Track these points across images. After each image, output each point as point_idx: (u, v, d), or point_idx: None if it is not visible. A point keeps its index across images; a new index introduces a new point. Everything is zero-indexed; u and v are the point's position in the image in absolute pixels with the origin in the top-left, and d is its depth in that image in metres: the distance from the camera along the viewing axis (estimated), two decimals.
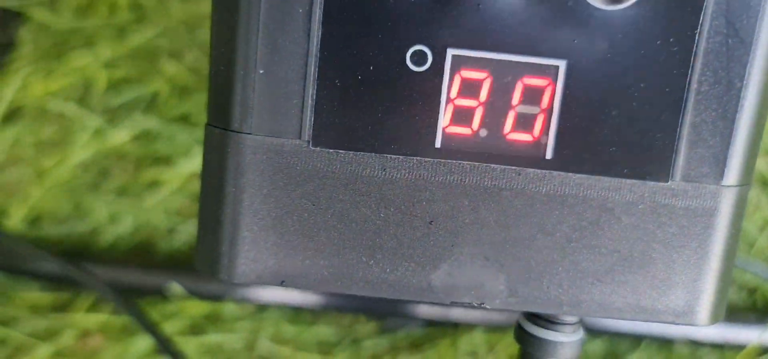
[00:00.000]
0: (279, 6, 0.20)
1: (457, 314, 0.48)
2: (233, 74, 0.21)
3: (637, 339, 0.50)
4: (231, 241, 0.22)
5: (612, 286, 0.22)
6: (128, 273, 0.48)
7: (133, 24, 0.54)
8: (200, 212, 0.23)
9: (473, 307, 0.23)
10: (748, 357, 0.48)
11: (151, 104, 0.52)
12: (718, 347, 0.50)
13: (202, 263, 0.23)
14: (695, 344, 0.49)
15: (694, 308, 0.23)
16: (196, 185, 0.50)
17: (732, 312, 0.51)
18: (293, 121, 0.21)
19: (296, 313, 0.49)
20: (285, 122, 0.21)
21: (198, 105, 0.52)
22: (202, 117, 0.52)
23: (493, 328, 0.48)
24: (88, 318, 0.48)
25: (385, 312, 0.48)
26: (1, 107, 0.51)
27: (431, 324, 0.49)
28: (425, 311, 0.48)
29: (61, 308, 0.49)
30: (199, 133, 0.51)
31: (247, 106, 0.21)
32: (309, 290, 0.22)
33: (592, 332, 0.49)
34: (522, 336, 0.24)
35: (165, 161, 0.51)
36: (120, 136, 0.50)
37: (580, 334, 0.24)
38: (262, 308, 0.49)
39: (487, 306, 0.22)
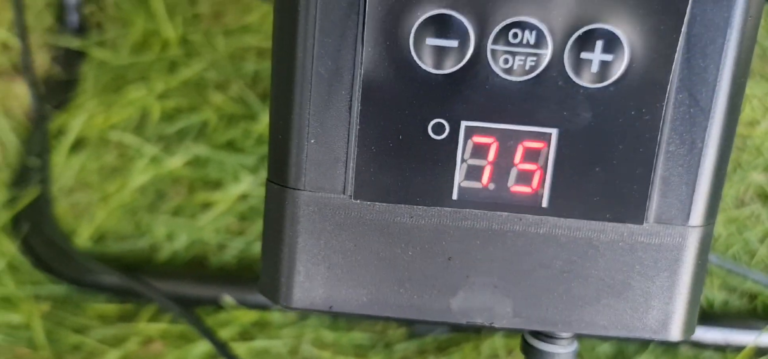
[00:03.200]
0: (326, 89, 0.25)
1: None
2: (289, 143, 0.26)
3: (644, 342, 0.54)
4: (288, 275, 0.27)
5: (598, 308, 0.27)
6: (184, 286, 0.53)
7: (183, 58, 0.59)
8: (263, 250, 0.28)
9: (485, 327, 0.28)
10: (745, 358, 0.52)
11: (200, 132, 0.57)
12: (721, 349, 0.54)
13: (265, 290, 0.28)
14: (699, 346, 0.54)
15: (668, 325, 0.27)
16: (243, 206, 0.55)
17: (735, 317, 0.55)
18: (338, 180, 0.26)
19: (334, 321, 0.54)
20: (331, 181, 0.26)
21: (243, 132, 0.57)
22: (247, 143, 0.57)
23: (512, 333, 0.53)
24: (150, 327, 0.54)
25: (414, 320, 0.53)
26: (68, 139, 0.56)
27: (456, 329, 0.54)
28: None
29: (126, 318, 0.54)
30: (245, 158, 0.56)
31: (301, 168, 0.26)
32: (352, 312, 0.27)
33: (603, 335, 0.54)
34: (526, 349, 0.29)
35: (215, 184, 0.56)
36: (174, 162, 0.56)
37: (574, 346, 0.29)
38: (304, 316, 0.54)
39: (496, 325, 0.27)
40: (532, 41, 0.25)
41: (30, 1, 0.59)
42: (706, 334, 0.53)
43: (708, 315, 0.54)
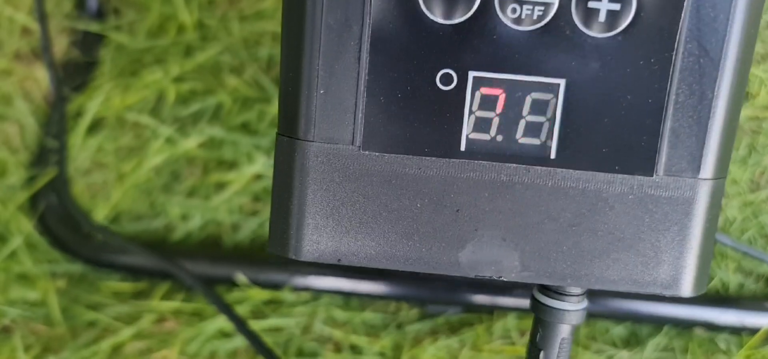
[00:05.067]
0: (336, 40, 0.25)
1: (492, 300, 0.52)
2: (299, 94, 0.26)
3: (658, 325, 0.53)
4: (297, 227, 0.27)
5: (608, 262, 0.27)
6: (198, 264, 0.54)
7: (199, 42, 0.60)
8: (273, 204, 0.28)
9: (493, 280, 0.28)
10: (759, 340, 0.52)
11: (215, 114, 0.58)
12: (736, 331, 0.53)
13: (275, 244, 0.28)
14: (714, 328, 0.53)
15: (679, 281, 0.27)
16: (257, 186, 0.56)
17: (750, 300, 0.55)
18: (347, 130, 0.26)
19: (347, 300, 0.54)
20: (340, 132, 0.26)
21: (257, 114, 0.57)
22: (261, 125, 0.57)
23: (525, 314, 0.53)
24: (164, 305, 0.54)
25: (427, 299, 0.53)
26: (86, 120, 0.57)
27: (469, 309, 0.54)
28: (463, 298, 0.53)
29: (140, 296, 0.55)
30: (258, 140, 0.57)
31: (311, 119, 0.26)
32: (360, 265, 0.27)
33: (617, 317, 0.53)
34: (536, 306, 0.29)
35: (229, 165, 0.56)
36: (189, 143, 0.56)
37: (584, 303, 0.29)
38: (317, 295, 0.54)
39: (504, 278, 0.27)
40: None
41: None
42: (721, 316, 0.52)
43: (723, 298, 0.54)
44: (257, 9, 0.60)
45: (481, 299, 0.52)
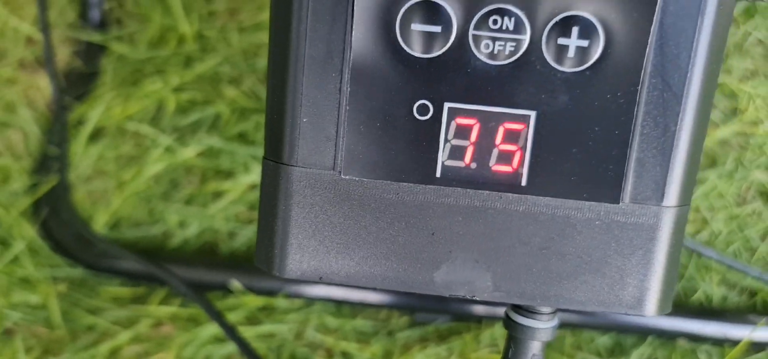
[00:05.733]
0: (319, 71, 0.27)
1: (480, 310, 0.54)
2: (284, 121, 0.28)
3: (642, 336, 0.55)
4: (281, 246, 0.29)
5: (576, 284, 0.28)
6: (195, 271, 0.55)
7: (198, 54, 0.61)
8: (259, 222, 0.30)
9: (467, 300, 0.29)
10: (740, 351, 0.53)
11: (214, 124, 0.59)
12: (719, 343, 0.54)
13: (260, 261, 0.30)
14: (697, 340, 0.54)
15: (643, 302, 0.28)
16: (253, 195, 0.57)
17: (733, 312, 0.56)
18: (329, 157, 0.28)
19: (338, 308, 0.56)
20: (322, 158, 0.28)
21: (254, 125, 0.59)
22: (258, 136, 0.58)
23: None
24: (161, 310, 0.56)
25: (416, 308, 0.55)
26: (87, 128, 0.59)
27: (457, 319, 0.55)
28: (451, 307, 0.54)
29: (138, 301, 0.56)
30: (255, 150, 0.58)
31: (295, 146, 0.28)
32: (340, 284, 0.29)
33: (602, 328, 0.55)
34: (509, 323, 0.31)
35: (226, 174, 0.58)
36: (187, 152, 0.58)
37: (555, 321, 0.30)
38: (309, 303, 0.55)
39: (477, 298, 0.28)
40: (511, 27, 0.26)
41: None
42: (705, 328, 0.54)
43: (707, 310, 0.55)
44: (256, 21, 0.61)
45: (469, 309, 0.53)
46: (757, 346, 0.54)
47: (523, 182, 0.28)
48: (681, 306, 0.55)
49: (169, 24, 0.61)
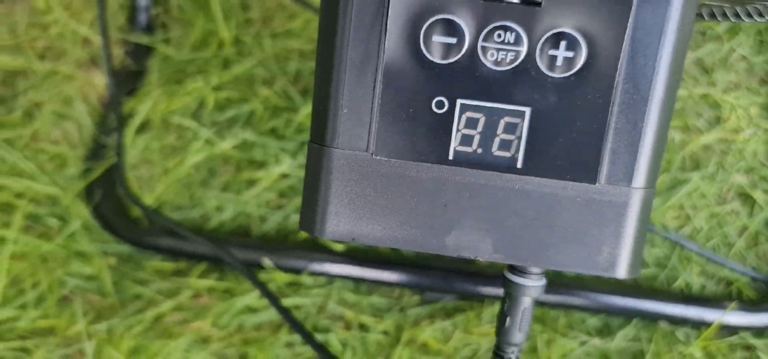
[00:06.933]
0: (357, 71, 0.34)
1: (483, 291, 0.60)
2: (328, 112, 0.35)
3: (628, 317, 0.61)
4: (322, 213, 0.35)
5: (561, 249, 0.35)
6: (231, 250, 0.62)
7: (236, 56, 0.68)
8: (304, 194, 0.36)
9: (471, 260, 0.36)
10: (713, 332, 0.59)
11: (248, 120, 0.66)
12: (697, 326, 0.61)
13: (304, 225, 0.36)
14: (677, 322, 0.61)
15: (616, 266, 0.35)
16: (283, 184, 0.64)
17: (710, 299, 0.62)
18: (363, 141, 0.34)
19: (356, 286, 0.62)
20: (358, 141, 0.34)
21: (285, 122, 0.65)
22: (288, 131, 0.65)
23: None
24: (199, 283, 0.62)
25: (426, 287, 0.61)
26: (136, 121, 0.66)
27: (462, 298, 0.62)
28: (457, 287, 0.61)
29: (178, 274, 0.63)
30: (285, 144, 0.65)
31: (336, 131, 0.34)
32: (369, 244, 0.35)
33: (592, 310, 0.61)
34: (505, 282, 0.37)
35: (259, 165, 0.65)
36: (225, 145, 0.65)
37: (543, 281, 0.37)
38: (331, 280, 0.62)
39: (480, 259, 0.35)
40: (512, 41, 0.33)
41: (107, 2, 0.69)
42: (684, 312, 0.60)
43: (687, 296, 0.61)
44: (287, 28, 0.68)
45: (473, 289, 0.60)
46: (729, 329, 0.60)
47: (519, 165, 0.34)
48: (664, 292, 0.62)
49: (210, 29, 0.68)
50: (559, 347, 0.60)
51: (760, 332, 0.61)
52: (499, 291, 0.59)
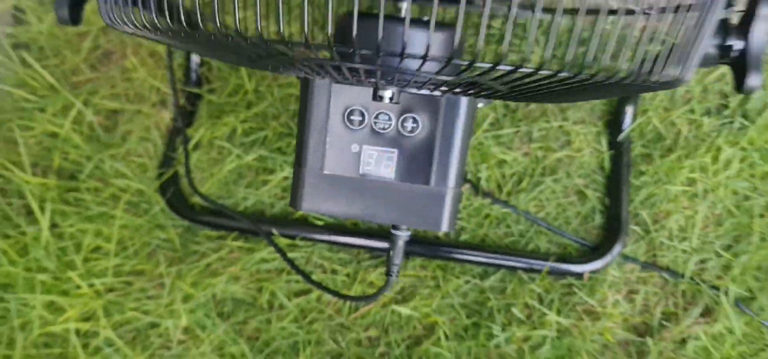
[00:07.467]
0: (316, 130, 0.71)
1: (409, 249, 0.98)
2: (302, 150, 0.72)
3: (498, 268, 0.98)
4: (300, 197, 0.72)
5: (414, 217, 0.71)
6: (253, 223, 1.00)
7: (255, 100, 1.06)
8: (292, 188, 0.74)
9: (379, 225, 0.74)
10: (545, 275, 0.96)
11: (263, 142, 1.04)
12: (546, 275, 0.98)
13: (292, 203, 0.73)
14: (528, 271, 0.98)
15: (440, 226, 0.72)
16: (286, 183, 1.01)
17: (551, 256, 0.99)
18: (319, 164, 0.71)
19: (330, 247, 1.00)
20: (317, 164, 0.71)
21: (287, 143, 1.03)
22: (289, 149, 1.03)
23: (427, 259, 0.98)
24: (232, 243, 1.00)
25: (372, 248, 0.99)
26: (192, 143, 1.03)
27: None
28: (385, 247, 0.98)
29: (219, 238, 1.01)
30: (287, 158, 1.02)
31: (306, 160, 0.71)
32: (325, 214, 0.71)
33: (476, 263, 0.98)
34: (390, 235, 0.75)
35: (270, 171, 1.02)
36: (248, 158, 1.02)
37: (409, 233, 0.74)
38: (314, 243, 0.99)
39: (374, 221, 0.72)
40: (387, 118, 0.70)
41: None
42: (534, 264, 0.97)
43: (536, 255, 0.98)
44: (289, 81, 1.06)
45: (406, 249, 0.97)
46: (560, 274, 0.97)
47: (393, 177, 0.71)
48: (522, 252, 0.99)
49: (239, 83, 1.06)
50: (453, 283, 0.97)
51: (579, 275, 0.97)
52: (419, 249, 0.97)
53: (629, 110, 1.04)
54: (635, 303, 0.97)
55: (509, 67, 0.49)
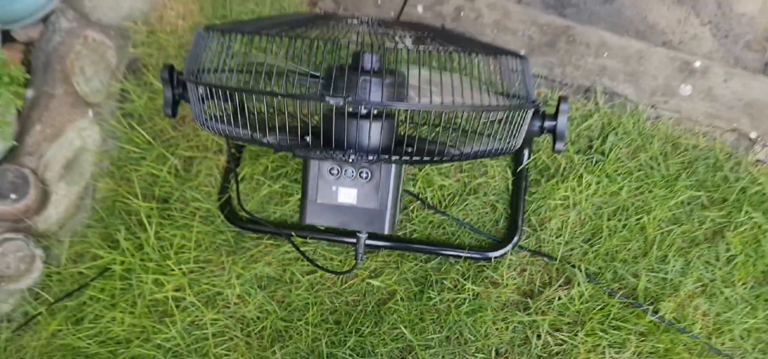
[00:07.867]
0: (315, 177, 1.25)
1: (380, 243, 1.53)
2: (305, 190, 1.26)
3: (436, 255, 1.53)
4: (305, 214, 1.27)
5: (369, 224, 1.26)
6: (280, 229, 1.55)
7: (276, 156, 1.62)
8: (300, 209, 1.28)
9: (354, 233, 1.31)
10: (465, 260, 1.51)
11: (286, 175, 1.59)
12: (467, 259, 1.52)
13: (300, 218, 1.28)
14: (455, 257, 1.52)
15: (383, 228, 1.26)
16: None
17: (469, 247, 1.53)
18: (315, 196, 1.26)
19: (329, 243, 1.55)
20: (315, 196, 1.26)
21: (297, 178, 1.58)
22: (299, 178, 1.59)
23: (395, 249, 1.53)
24: (267, 241, 1.56)
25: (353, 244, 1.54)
26: (240, 177, 1.60)
27: (374, 248, 1.54)
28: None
29: (257, 239, 1.56)
30: (300, 188, 1.58)
31: (307, 194, 1.26)
32: (322, 225, 1.27)
33: (424, 252, 1.53)
34: (356, 235, 1.29)
35: (290, 195, 1.58)
36: (276, 186, 1.58)
37: (366, 237, 1.29)
38: (318, 240, 1.55)
39: (352, 228, 1.28)
40: (352, 172, 1.25)
41: None
42: (459, 253, 1.51)
43: (461, 246, 1.53)
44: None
45: (376, 243, 1.53)
46: (475, 259, 1.51)
47: (356, 202, 1.26)
48: (451, 244, 1.53)
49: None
50: (407, 265, 1.52)
51: (487, 259, 1.52)
52: (384, 243, 1.52)
53: (526, 151, 1.58)
54: (524, 277, 1.51)
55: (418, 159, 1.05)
